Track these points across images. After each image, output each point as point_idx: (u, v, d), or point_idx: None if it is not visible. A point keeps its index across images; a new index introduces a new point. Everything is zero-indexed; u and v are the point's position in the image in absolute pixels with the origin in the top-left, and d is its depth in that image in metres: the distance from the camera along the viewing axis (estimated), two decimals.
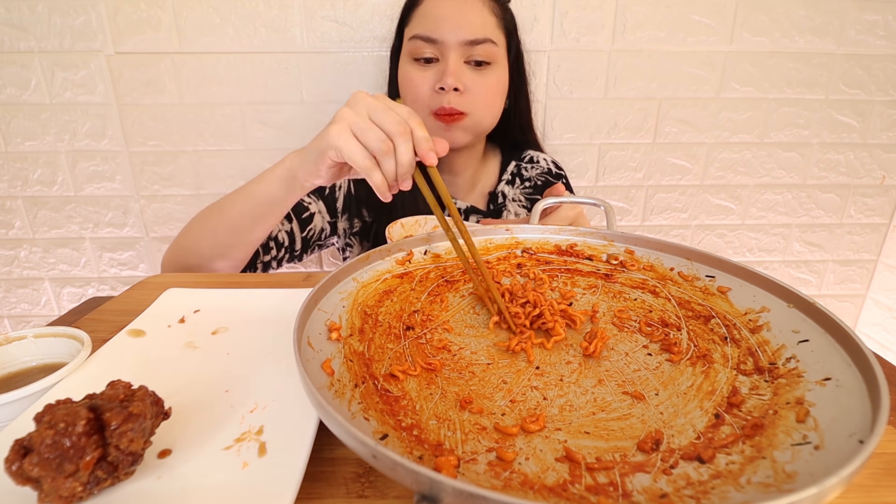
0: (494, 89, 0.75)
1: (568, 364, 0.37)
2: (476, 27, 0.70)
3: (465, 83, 0.71)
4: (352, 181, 0.82)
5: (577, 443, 0.28)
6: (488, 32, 0.71)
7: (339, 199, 0.82)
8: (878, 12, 0.99)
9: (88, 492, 0.26)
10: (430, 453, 0.26)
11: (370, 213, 0.82)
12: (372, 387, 0.32)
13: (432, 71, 0.72)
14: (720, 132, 1.07)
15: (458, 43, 0.70)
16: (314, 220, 0.79)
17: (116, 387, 0.29)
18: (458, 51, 0.70)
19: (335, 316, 0.37)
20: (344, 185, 0.82)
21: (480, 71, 0.73)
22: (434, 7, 0.71)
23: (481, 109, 0.75)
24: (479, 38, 0.70)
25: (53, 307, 1.14)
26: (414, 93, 0.73)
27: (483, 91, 0.73)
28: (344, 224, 0.84)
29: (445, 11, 0.70)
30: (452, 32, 0.70)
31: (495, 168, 0.87)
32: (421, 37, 0.71)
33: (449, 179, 0.84)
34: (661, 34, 0.99)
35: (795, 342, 0.33)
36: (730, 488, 0.23)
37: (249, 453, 0.30)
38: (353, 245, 0.85)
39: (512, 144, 0.88)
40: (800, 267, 1.21)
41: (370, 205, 0.82)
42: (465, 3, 0.71)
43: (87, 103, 0.97)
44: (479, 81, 0.73)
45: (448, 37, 0.70)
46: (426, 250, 0.49)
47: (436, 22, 0.70)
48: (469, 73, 0.72)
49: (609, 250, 0.51)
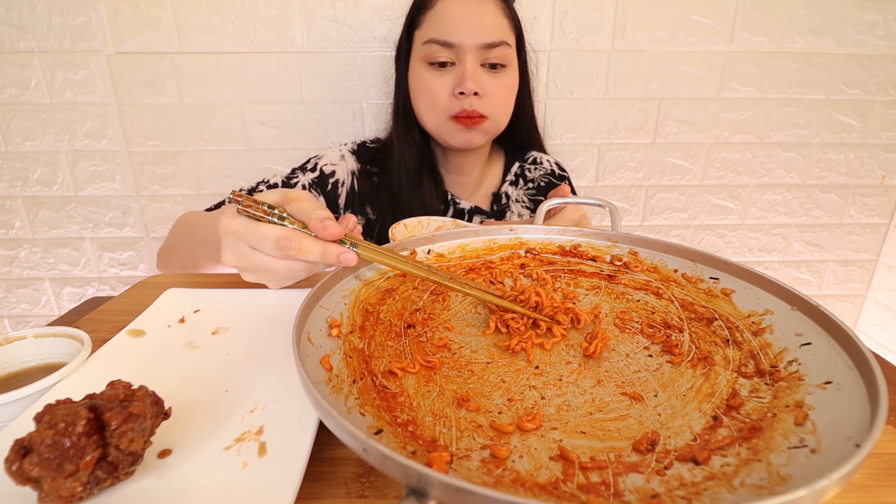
0: (510, 91, 0.75)
1: (567, 364, 0.37)
2: (492, 30, 0.70)
3: (483, 87, 0.71)
4: (355, 177, 0.82)
5: (573, 442, 0.28)
6: (503, 35, 0.71)
7: (341, 195, 0.81)
8: (878, 12, 0.99)
9: (88, 492, 0.26)
10: (423, 449, 0.26)
11: (374, 211, 0.82)
12: (370, 383, 0.32)
13: (449, 76, 0.71)
14: (720, 132, 1.07)
15: (475, 46, 0.69)
16: None
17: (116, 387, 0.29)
18: (475, 54, 0.70)
19: (336, 313, 0.37)
20: (347, 181, 0.82)
21: (496, 74, 0.73)
22: (448, 10, 0.70)
23: (499, 112, 0.75)
24: (495, 41, 0.70)
25: (53, 307, 1.14)
26: (431, 98, 0.73)
27: (500, 94, 0.73)
28: None
29: (460, 14, 0.69)
30: (469, 36, 0.69)
31: (499, 169, 0.87)
32: (437, 41, 0.70)
33: (456, 179, 0.84)
34: (661, 34, 0.99)
35: (798, 345, 0.33)
36: (722, 490, 0.23)
37: (249, 453, 0.30)
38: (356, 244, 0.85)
39: (516, 146, 0.88)
40: (800, 267, 1.21)
41: (374, 202, 0.82)
42: (479, 5, 0.70)
43: (87, 103, 0.97)
44: (495, 84, 0.72)
45: (465, 40, 0.69)
46: (429, 250, 0.50)
47: (451, 25, 0.69)
48: (486, 77, 0.72)
49: (613, 251, 0.51)
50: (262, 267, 0.42)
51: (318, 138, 1.03)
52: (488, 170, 0.87)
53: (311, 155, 0.83)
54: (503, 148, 0.90)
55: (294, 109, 1.01)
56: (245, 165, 1.04)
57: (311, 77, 0.99)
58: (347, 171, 0.82)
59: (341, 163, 0.82)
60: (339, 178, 0.81)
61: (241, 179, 1.05)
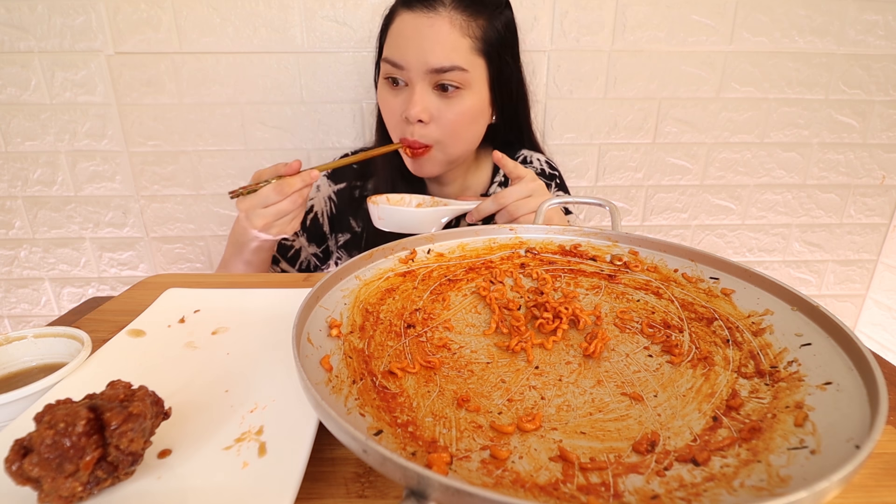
0: (466, 117, 0.68)
1: (567, 364, 0.37)
2: (441, 55, 0.63)
3: (432, 112, 0.66)
4: (331, 200, 0.83)
5: (573, 443, 0.28)
6: (457, 59, 0.64)
7: (323, 224, 0.83)
8: (878, 12, 0.99)
9: (88, 492, 0.26)
10: (423, 450, 0.26)
11: (358, 223, 0.82)
12: (370, 383, 0.32)
13: (402, 96, 0.67)
14: (720, 132, 1.07)
15: (423, 71, 0.64)
16: (302, 255, 0.82)
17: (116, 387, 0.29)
18: (425, 78, 0.65)
19: (336, 313, 0.37)
20: (326, 208, 0.82)
21: (450, 98, 0.66)
22: (401, 29, 0.65)
23: (449, 139, 0.69)
24: (444, 66, 0.64)
25: (53, 307, 1.14)
26: (388, 116, 0.71)
27: (452, 120, 0.67)
28: (332, 242, 0.85)
29: (411, 35, 0.64)
30: (417, 59, 0.64)
31: (487, 170, 0.86)
32: (388, 60, 0.66)
33: (438, 189, 0.83)
34: (661, 34, 0.99)
35: (798, 346, 0.33)
36: (722, 491, 0.23)
37: (249, 453, 0.30)
38: (342, 258, 0.85)
39: (504, 143, 0.85)
40: (800, 267, 1.21)
41: (358, 214, 0.82)
42: (431, 26, 0.63)
43: (87, 103, 0.97)
44: (446, 110, 0.67)
45: (412, 63, 0.64)
46: (429, 249, 0.50)
47: (402, 46, 0.65)
48: (436, 101, 0.66)
49: (613, 251, 0.51)
50: (276, 212, 0.61)
51: (318, 138, 1.03)
52: (474, 173, 0.85)
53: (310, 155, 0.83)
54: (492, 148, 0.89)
55: (294, 109, 1.01)
56: (245, 165, 1.04)
57: (311, 77, 0.99)
58: (324, 199, 0.83)
59: (317, 195, 0.83)
60: (318, 210, 0.82)
61: (241, 179, 1.05)
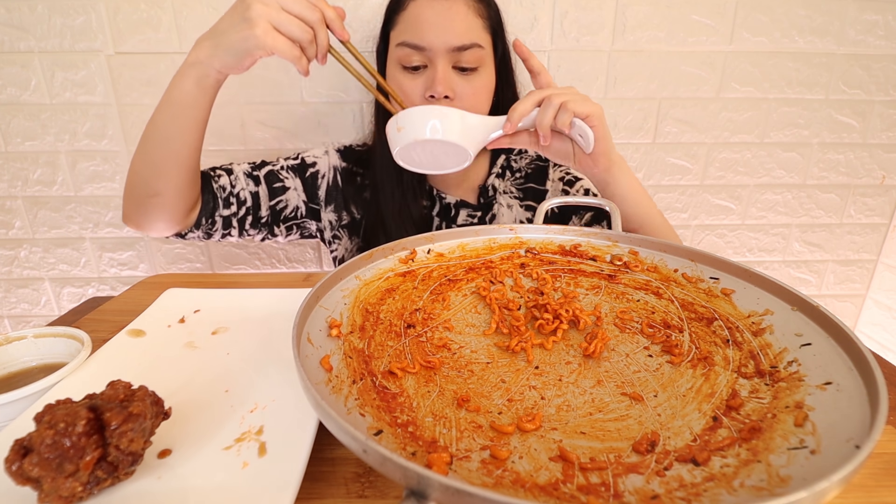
0: (483, 93, 0.75)
1: (567, 364, 0.37)
2: (462, 33, 0.69)
3: (455, 89, 0.71)
4: (338, 173, 0.83)
5: (573, 443, 0.28)
6: (475, 37, 0.70)
7: (321, 186, 0.82)
8: (878, 12, 0.99)
9: (88, 492, 0.26)
10: (423, 450, 0.26)
11: (358, 210, 0.83)
12: (370, 383, 0.32)
13: (422, 78, 0.72)
14: (720, 132, 1.07)
15: (445, 50, 0.69)
16: (287, 194, 0.79)
17: (116, 387, 0.29)
18: (446, 57, 0.70)
19: (336, 313, 0.37)
20: (329, 176, 0.82)
21: (468, 76, 0.72)
22: (419, 13, 0.70)
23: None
24: (465, 44, 0.69)
25: (53, 307, 1.14)
26: (408, 99, 0.73)
27: (472, 96, 0.73)
28: (330, 216, 0.84)
29: (430, 17, 0.69)
30: (439, 39, 0.69)
31: (485, 162, 0.87)
32: (408, 44, 0.70)
33: (438, 176, 0.84)
34: (661, 34, 0.99)
35: (798, 346, 0.33)
36: (722, 491, 0.23)
37: (249, 453, 0.30)
38: (340, 238, 0.85)
39: None
40: (800, 267, 1.21)
41: (358, 202, 0.83)
42: (450, 8, 0.69)
43: (87, 103, 0.97)
44: (467, 86, 0.72)
45: (435, 43, 0.69)
46: (429, 249, 0.50)
47: (421, 29, 0.69)
48: (457, 79, 0.72)
49: (613, 251, 0.51)
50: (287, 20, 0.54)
51: (318, 138, 1.03)
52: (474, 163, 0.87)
53: None
54: None
55: (294, 109, 1.01)
56: None
57: (311, 77, 0.99)
58: (329, 166, 0.83)
59: (324, 157, 0.83)
60: (320, 171, 0.82)
61: None
